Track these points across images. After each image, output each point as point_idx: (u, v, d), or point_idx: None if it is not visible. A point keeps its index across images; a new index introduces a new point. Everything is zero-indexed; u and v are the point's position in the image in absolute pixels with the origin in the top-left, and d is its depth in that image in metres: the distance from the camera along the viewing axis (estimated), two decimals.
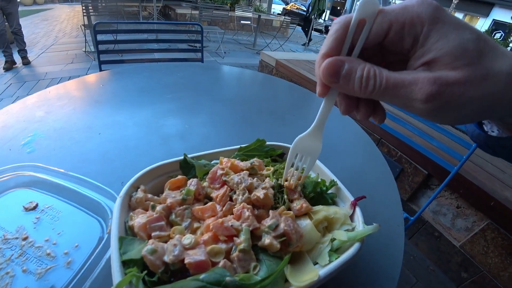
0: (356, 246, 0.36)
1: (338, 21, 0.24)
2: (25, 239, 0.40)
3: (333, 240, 0.38)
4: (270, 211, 0.37)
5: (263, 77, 1.42)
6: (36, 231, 0.41)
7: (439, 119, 0.22)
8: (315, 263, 0.36)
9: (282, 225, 0.35)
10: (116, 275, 0.29)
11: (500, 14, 16.44)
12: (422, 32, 0.21)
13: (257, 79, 1.36)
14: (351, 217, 0.41)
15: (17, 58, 3.58)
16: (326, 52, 0.24)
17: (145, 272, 0.29)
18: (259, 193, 0.38)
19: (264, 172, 0.46)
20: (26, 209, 0.44)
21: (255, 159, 0.47)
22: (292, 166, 0.40)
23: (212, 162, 0.48)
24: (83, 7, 4.17)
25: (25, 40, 3.61)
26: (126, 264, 0.30)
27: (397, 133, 1.38)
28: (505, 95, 0.20)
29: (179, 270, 0.31)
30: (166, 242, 0.32)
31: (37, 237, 0.40)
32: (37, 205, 0.45)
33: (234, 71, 1.39)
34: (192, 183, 0.40)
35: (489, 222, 1.44)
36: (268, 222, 0.35)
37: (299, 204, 0.40)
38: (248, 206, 0.37)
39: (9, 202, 0.45)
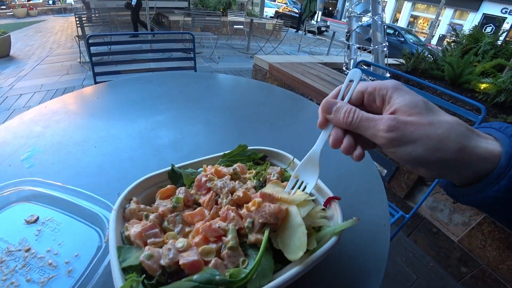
0: (333, 238, 0.37)
1: (336, 88, 0.37)
2: (27, 250, 0.41)
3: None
4: (241, 212, 0.39)
5: (255, 84, 1.43)
6: (38, 242, 0.43)
7: (400, 152, 0.29)
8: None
9: (257, 220, 0.36)
10: (118, 281, 0.31)
11: (490, 8, 16.59)
12: (387, 94, 0.32)
13: (248, 86, 1.38)
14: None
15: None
16: (327, 99, 0.36)
17: (144, 276, 0.32)
18: (239, 193, 0.41)
19: (247, 175, 0.49)
20: (28, 222, 0.46)
21: (237, 164, 0.49)
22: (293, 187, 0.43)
23: (199, 170, 0.50)
24: (76, 18, 4.20)
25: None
26: (125, 271, 0.33)
27: None
28: (448, 137, 0.27)
29: (175, 271, 0.33)
30: (161, 247, 0.35)
31: (39, 248, 0.42)
32: (38, 218, 0.46)
33: (225, 79, 1.41)
34: (181, 191, 0.43)
35: (485, 216, 1.45)
36: (245, 223, 0.37)
37: None
38: (232, 207, 0.39)
39: (11, 216, 0.47)
